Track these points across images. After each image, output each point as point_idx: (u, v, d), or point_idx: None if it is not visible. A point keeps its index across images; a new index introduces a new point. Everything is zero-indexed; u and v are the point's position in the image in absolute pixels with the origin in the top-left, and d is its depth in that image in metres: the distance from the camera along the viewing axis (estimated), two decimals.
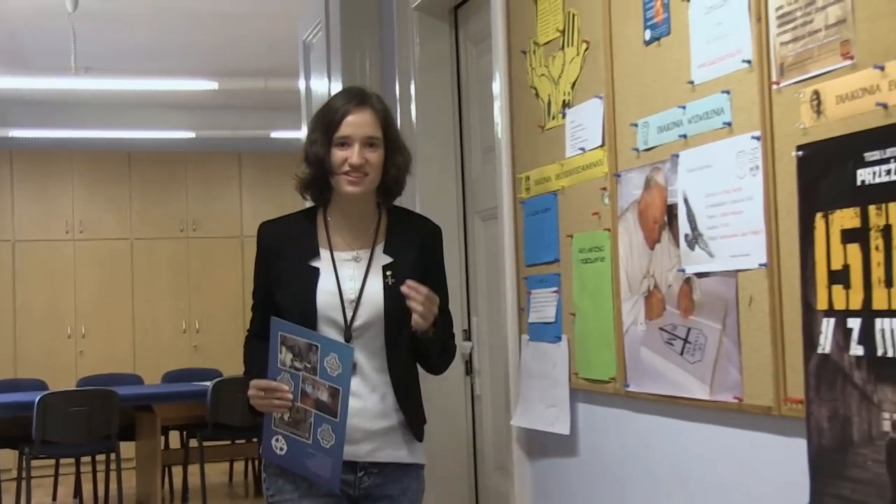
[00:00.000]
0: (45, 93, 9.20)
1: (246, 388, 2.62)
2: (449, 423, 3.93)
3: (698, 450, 2.36)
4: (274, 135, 10.44)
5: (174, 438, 8.61)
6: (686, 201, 2.31)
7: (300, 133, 5.45)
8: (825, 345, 1.87)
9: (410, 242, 2.71)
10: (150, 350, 10.42)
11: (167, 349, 10.47)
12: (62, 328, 10.33)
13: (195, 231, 10.84)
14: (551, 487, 3.04)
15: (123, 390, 7.80)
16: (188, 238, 10.81)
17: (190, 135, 10.45)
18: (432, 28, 4.10)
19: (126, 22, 7.58)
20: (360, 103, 2.64)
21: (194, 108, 10.22)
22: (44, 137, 10.11)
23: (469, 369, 3.92)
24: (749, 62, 2.11)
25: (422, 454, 2.71)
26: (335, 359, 2.48)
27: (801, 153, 1.94)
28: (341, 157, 2.60)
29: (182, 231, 10.80)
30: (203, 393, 7.85)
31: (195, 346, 10.67)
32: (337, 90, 4.71)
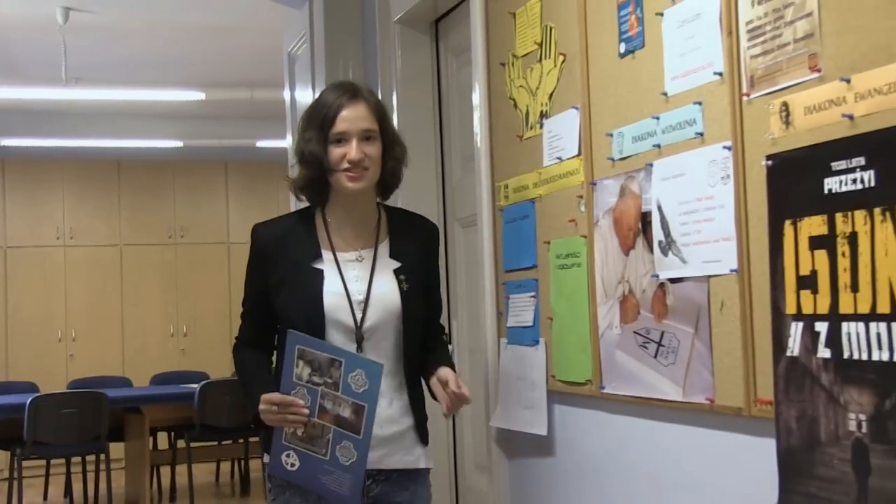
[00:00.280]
0: (37, 103, 9.16)
1: (246, 397, 2.51)
2: (430, 424, 3.92)
3: (672, 449, 2.36)
4: (259, 144, 10.41)
5: (162, 439, 8.58)
6: (660, 209, 2.32)
7: (285, 142, 5.44)
8: (794, 348, 1.87)
9: (414, 243, 2.61)
10: (139, 353, 10.38)
11: (155, 352, 10.44)
12: (53, 332, 10.29)
13: (183, 237, 10.80)
14: (529, 486, 3.04)
15: (113, 392, 7.77)
16: (176, 244, 10.78)
17: (178, 144, 10.42)
18: (414, 40, 4.10)
19: (115, 34, 7.56)
20: (353, 96, 2.51)
21: (182, 118, 10.19)
22: (35, 146, 10.07)
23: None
24: (720, 74, 2.11)
25: (428, 459, 2.63)
26: (362, 375, 2.36)
27: (771, 163, 1.95)
28: (339, 154, 2.47)
29: (170, 237, 10.77)
30: (190, 395, 7.83)
31: (183, 350, 10.63)
32: None
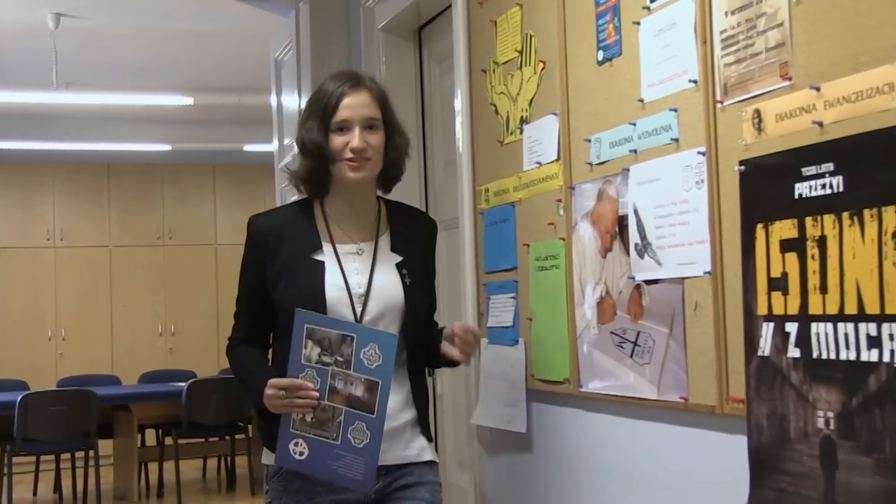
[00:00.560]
0: (28, 106, 9.11)
1: (245, 391, 2.39)
2: None
3: (647, 446, 2.36)
4: (247, 148, 10.39)
5: (150, 436, 8.57)
6: (636, 212, 2.32)
7: (272, 146, 5.43)
8: (765, 347, 1.88)
9: (415, 237, 2.51)
10: (128, 352, 10.35)
11: (144, 351, 10.41)
12: (43, 331, 10.25)
13: (171, 239, 10.78)
14: (509, 482, 3.05)
15: (102, 390, 7.75)
16: (164, 246, 10.76)
17: (166, 147, 10.38)
18: (397, 47, 4.10)
19: (106, 40, 7.52)
20: (355, 84, 2.38)
21: (171, 122, 10.16)
22: (26, 149, 10.02)
23: (431, 370, 3.91)
24: (695, 82, 2.12)
25: (432, 452, 2.49)
26: (374, 349, 2.21)
27: (744, 168, 1.95)
28: (341, 143, 2.34)
29: (158, 239, 10.74)
30: (178, 393, 7.82)
31: (171, 349, 10.60)
32: None
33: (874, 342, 1.63)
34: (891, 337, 1.61)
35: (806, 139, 1.79)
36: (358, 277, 2.39)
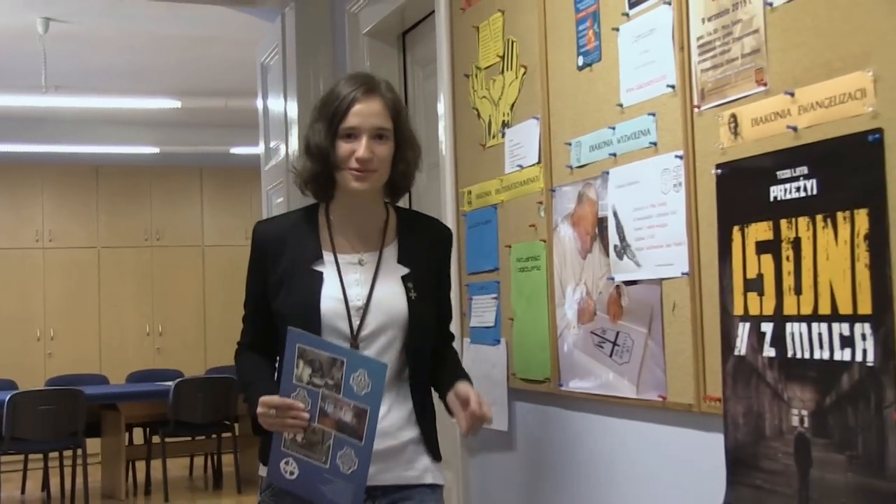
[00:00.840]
0: (17, 109, 9.07)
1: (245, 402, 2.28)
2: None
3: (626, 444, 2.37)
4: (234, 151, 10.36)
5: (138, 435, 8.54)
6: (615, 215, 2.33)
7: (258, 149, 5.42)
8: (741, 347, 1.89)
9: (425, 248, 2.35)
10: (116, 352, 10.31)
11: (131, 351, 10.38)
12: (31, 331, 10.20)
13: (159, 240, 10.74)
14: (491, 480, 3.05)
15: (90, 390, 7.73)
16: (152, 247, 10.72)
17: (154, 150, 10.35)
18: (382, 52, 4.10)
19: (94, 44, 7.50)
20: (369, 91, 2.23)
21: (158, 126, 10.13)
22: (16, 151, 9.97)
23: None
24: (673, 87, 2.13)
25: (438, 474, 2.32)
26: (364, 376, 2.09)
27: (720, 171, 1.96)
28: (347, 151, 2.20)
29: (146, 240, 10.70)
30: (165, 392, 7.80)
31: (158, 349, 10.56)
32: (293, 109, 4.71)
33: (847, 342, 1.64)
34: (863, 337, 1.61)
35: (781, 143, 1.80)
36: (357, 289, 2.25)
